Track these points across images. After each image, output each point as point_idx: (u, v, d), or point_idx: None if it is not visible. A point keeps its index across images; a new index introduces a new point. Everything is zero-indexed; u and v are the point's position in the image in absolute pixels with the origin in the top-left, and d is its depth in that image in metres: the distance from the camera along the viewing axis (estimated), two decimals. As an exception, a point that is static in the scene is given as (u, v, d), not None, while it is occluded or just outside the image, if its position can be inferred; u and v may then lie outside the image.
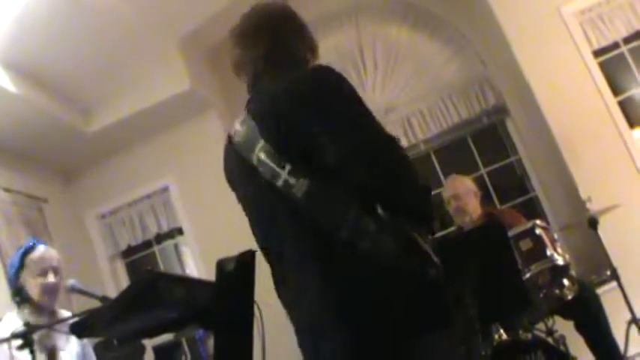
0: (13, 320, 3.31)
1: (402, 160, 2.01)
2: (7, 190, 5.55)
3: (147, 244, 6.77)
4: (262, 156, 2.04)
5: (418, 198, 2.02)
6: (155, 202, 6.61)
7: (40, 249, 3.49)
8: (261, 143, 2.05)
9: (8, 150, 5.76)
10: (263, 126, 2.07)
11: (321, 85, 2.07)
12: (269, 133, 2.05)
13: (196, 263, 6.39)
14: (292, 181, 1.98)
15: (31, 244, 3.53)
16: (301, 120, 2.02)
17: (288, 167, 1.99)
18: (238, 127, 2.18)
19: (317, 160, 2.00)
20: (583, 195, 4.97)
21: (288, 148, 2.02)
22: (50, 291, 3.39)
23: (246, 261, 2.47)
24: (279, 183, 2.00)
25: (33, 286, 3.38)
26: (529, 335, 3.94)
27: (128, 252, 6.77)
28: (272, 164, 2.02)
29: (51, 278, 3.40)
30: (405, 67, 6.44)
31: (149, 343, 6.13)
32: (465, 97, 6.37)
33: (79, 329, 2.39)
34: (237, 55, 2.36)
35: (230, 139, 2.24)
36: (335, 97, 2.06)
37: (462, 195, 4.75)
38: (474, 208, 4.73)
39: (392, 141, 2.01)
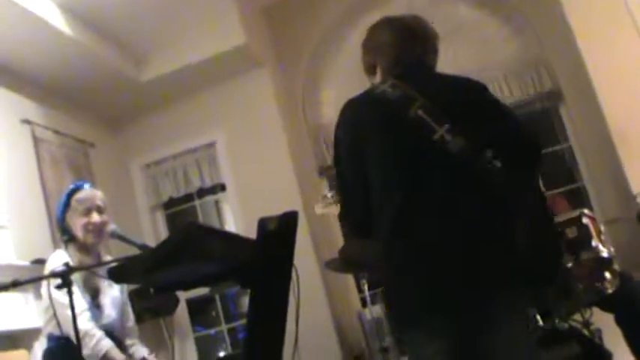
0: (62, 256, 3.34)
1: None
2: (55, 131, 5.61)
3: (188, 198, 6.81)
4: (420, 112, 2.41)
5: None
6: (200, 156, 6.62)
7: (86, 189, 3.52)
8: (420, 103, 2.42)
9: (60, 93, 5.82)
10: (428, 95, 2.45)
11: (487, 90, 2.59)
12: (438, 101, 2.44)
13: (236, 221, 6.40)
14: (449, 137, 2.35)
15: (78, 184, 3.56)
16: (478, 103, 2.50)
17: (447, 126, 2.36)
18: (389, 89, 2.51)
19: (475, 130, 2.39)
20: (634, 189, 4.85)
21: (456, 115, 2.39)
22: (94, 230, 3.41)
23: (288, 221, 2.45)
24: (435, 137, 2.37)
25: (78, 226, 3.41)
26: (565, 325, 3.87)
27: (169, 204, 6.83)
28: (430, 121, 2.39)
29: (95, 217, 3.42)
30: (461, 42, 6.32)
31: (182, 296, 6.23)
32: (520, 79, 6.24)
33: (116, 274, 2.39)
34: (403, 37, 2.71)
35: (369, 96, 2.60)
36: (496, 98, 2.59)
37: None
38: None
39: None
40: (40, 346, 3.98)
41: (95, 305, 3.40)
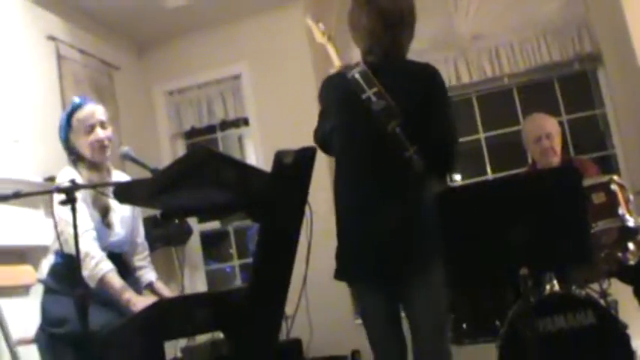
0: (70, 173, 3.28)
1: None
2: (81, 51, 5.54)
3: (210, 129, 6.74)
4: (397, 130, 2.79)
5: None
6: (225, 88, 6.51)
7: (85, 106, 3.41)
8: (397, 122, 2.79)
9: (88, 12, 5.76)
10: (401, 103, 2.83)
11: (442, 82, 2.97)
12: (407, 114, 2.81)
13: (257, 156, 6.34)
14: (415, 157, 2.76)
15: (76, 102, 3.45)
16: (431, 103, 2.87)
17: (416, 147, 2.77)
18: (373, 98, 2.86)
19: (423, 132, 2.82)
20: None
21: (418, 128, 2.81)
22: (100, 146, 3.35)
23: (305, 157, 2.38)
24: (406, 155, 2.76)
25: (83, 145, 3.35)
26: (582, 292, 3.77)
27: (191, 133, 6.77)
28: (404, 140, 2.78)
29: (99, 133, 3.35)
30: (502, -3, 6.14)
31: (197, 228, 6.20)
32: (560, 39, 6.04)
33: (121, 194, 2.33)
34: (378, 25, 2.98)
35: (349, 90, 3.02)
36: (445, 92, 2.99)
37: (554, 135, 4.45)
38: (560, 150, 4.48)
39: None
40: (47, 262, 3.95)
41: (105, 224, 3.34)
